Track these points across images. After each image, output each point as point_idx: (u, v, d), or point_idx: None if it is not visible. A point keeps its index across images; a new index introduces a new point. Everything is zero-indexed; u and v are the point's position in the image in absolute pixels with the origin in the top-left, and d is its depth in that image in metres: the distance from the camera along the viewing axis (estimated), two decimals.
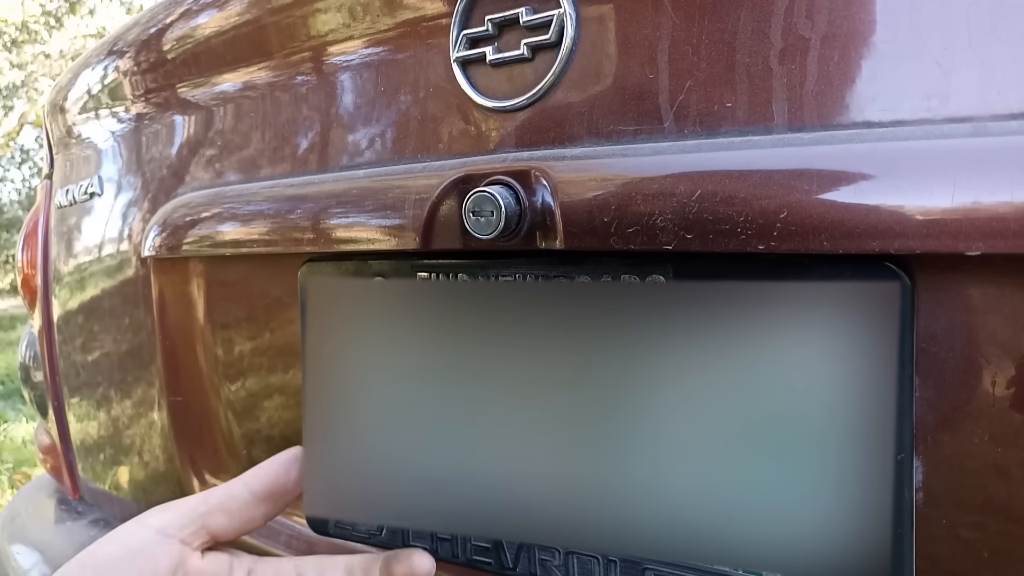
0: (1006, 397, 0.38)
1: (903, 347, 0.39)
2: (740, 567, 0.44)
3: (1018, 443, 0.38)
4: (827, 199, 0.38)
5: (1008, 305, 0.38)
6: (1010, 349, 0.38)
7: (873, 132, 0.39)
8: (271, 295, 0.71)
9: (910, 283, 0.39)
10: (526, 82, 0.51)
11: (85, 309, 0.93)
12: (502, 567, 0.55)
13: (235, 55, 0.71)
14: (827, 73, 0.41)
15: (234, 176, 0.72)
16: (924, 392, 0.40)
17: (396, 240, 0.55)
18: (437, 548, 0.59)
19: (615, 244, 0.44)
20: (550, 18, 0.49)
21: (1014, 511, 0.38)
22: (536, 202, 0.48)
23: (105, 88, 0.87)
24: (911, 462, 0.41)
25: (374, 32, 0.60)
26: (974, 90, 0.37)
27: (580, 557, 0.52)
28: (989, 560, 0.39)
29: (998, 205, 0.34)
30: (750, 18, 0.43)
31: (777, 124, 0.42)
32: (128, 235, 0.84)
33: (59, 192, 0.96)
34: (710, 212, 0.41)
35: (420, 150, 0.57)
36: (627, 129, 0.47)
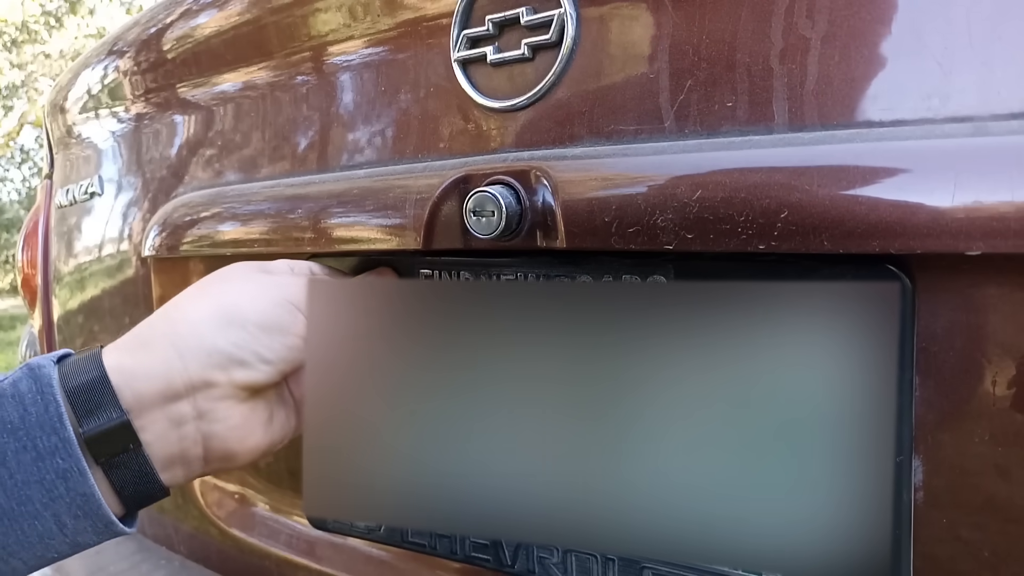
0: (1006, 397, 0.38)
1: (903, 347, 0.39)
2: (739, 567, 0.44)
3: (1018, 443, 0.38)
4: (827, 199, 0.38)
5: (1008, 305, 0.38)
6: (1010, 349, 0.38)
7: (873, 132, 0.39)
8: None
9: (910, 283, 0.39)
10: (527, 82, 0.51)
11: (85, 309, 0.93)
12: (500, 565, 0.55)
13: (235, 55, 0.71)
14: (827, 73, 0.41)
15: (234, 176, 0.72)
16: (924, 392, 0.40)
17: (397, 240, 0.55)
18: (436, 545, 0.59)
19: (616, 244, 0.44)
20: (550, 18, 0.49)
21: (1014, 511, 0.38)
22: (537, 202, 0.48)
23: (105, 88, 0.87)
24: (910, 462, 0.41)
25: (374, 32, 0.60)
26: (975, 90, 0.37)
27: (578, 555, 0.52)
28: (989, 560, 0.39)
29: (998, 205, 0.34)
30: (750, 18, 0.43)
31: (778, 124, 0.42)
32: (128, 235, 0.84)
33: (59, 192, 0.97)
34: (711, 212, 0.41)
35: (421, 150, 0.57)
36: (628, 129, 0.47)
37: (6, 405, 0.41)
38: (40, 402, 0.41)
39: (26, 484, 0.40)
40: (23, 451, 0.40)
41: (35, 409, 0.41)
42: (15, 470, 0.40)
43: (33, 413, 0.41)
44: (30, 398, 0.41)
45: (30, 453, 0.40)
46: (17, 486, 0.40)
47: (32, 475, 0.40)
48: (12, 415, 0.41)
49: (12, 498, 0.40)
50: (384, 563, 0.65)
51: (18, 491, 0.40)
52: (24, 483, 0.40)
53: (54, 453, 0.41)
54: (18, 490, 0.40)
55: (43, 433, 0.41)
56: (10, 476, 0.40)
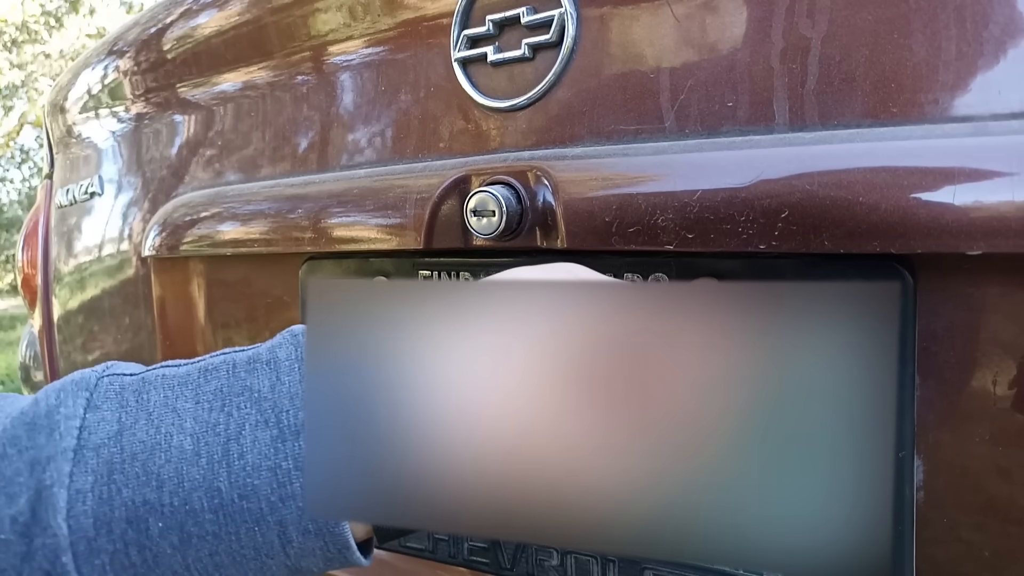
0: (1007, 396, 0.38)
1: (904, 346, 0.39)
2: (739, 567, 0.44)
3: (1019, 442, 0.38)
4: (828, 199, 0.38)
5: (1009, 304, 0.38)
6: (1011, 348, 0.38)
7: (874, 131, 0.39)
8: (271, 295, 0.71)
9: (912, 282, 0.39)
10: (527, 82, 0.51)
11: (85, 309, 0.93)
12: (499, 568, 0.55)
13: (235, 55, 0.71)
14: (827, 72, 0.41)
15: (234, 176, 0.72)
16: (925, 391, 0.40)
17: (397, 239, 0.55)
18: (435, 548, 0.59)
19: (616, 244, 0.44)
20: (551, 18, 0.49)
21: (1015, 511, 0.38)
22: (537, 202, 0.48)
23: (105, 88, 0.87)
24: (912, 461, 0.41)
25: (374, 32, 0.60)
26: (974, 89, 0.37)
27: (578, 557, 0.52)
28: (990, 560, 0.39)
29: (999, 204, 0.34)
30: (750, 17, 0.43)
31: (778, 123, 0.42)
32: (128, 235, 0.84)
33: (59, 192, 0.96)
34: (711, 211, 0.41)
35: (421, 150, 0.57)
36: (628, 128, 0.47)
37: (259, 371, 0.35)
38: (297, 371, 0.35)
39: (256, 470, 0.32)
40: (263, 426, 0.33)
41: (289, 379, 0.34)
42: (248, 448, 0.33)
43: (287, 383, 0.34)
44: (287, 366, 0.35)
45: (272, 430, 0.33)
46: (246, 470, 0.32)
47: (266, 458, 0.32)
48: (263, 383, 0.34)
49: (236, 486, 0.32)
50: (385, 563, 0.65)
51: (245, 478, 0.32)
52: (255, 468, 0.32)
53: (298, 434, 0.33)
54: (246, 476, 0.32)
55: (292, 407, 0.34)
56: (240, 455, 0.32)
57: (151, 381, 0.35)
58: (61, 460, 0.32)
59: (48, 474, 0.32)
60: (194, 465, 0.33)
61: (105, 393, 0.35)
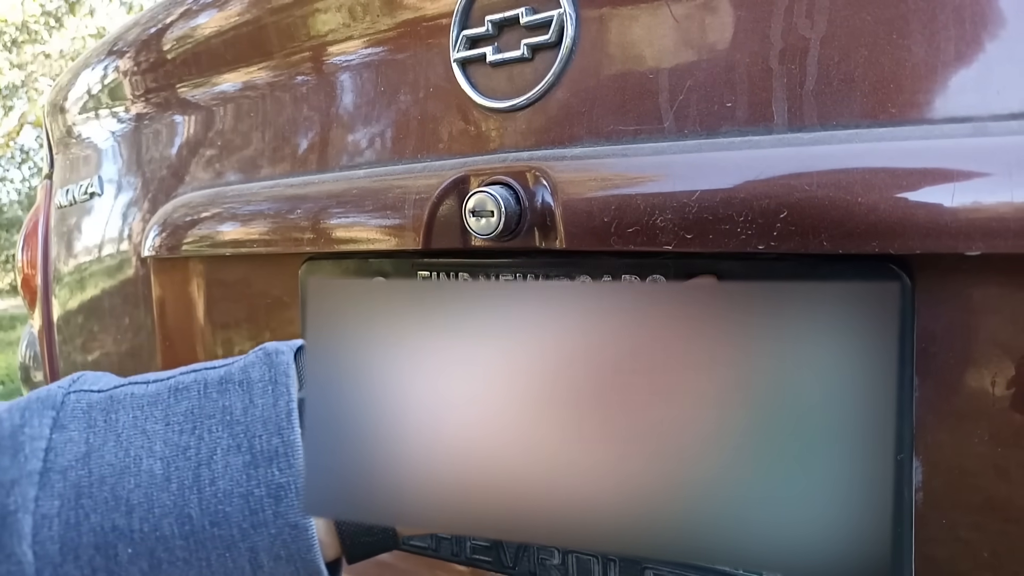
0: (1006, 397, 0.38)
1: (903, 347, 0.39)
2: (740, 566, 0.44)
3: (1018, 443, 0.38)
4: (827, 199, 0.38)
5: (1008, 305, 0.38)
6: (1010, 349, 0.38)
7: (873, 132, 0.39)
8: (271, 295, 0.71)
9: (910, 283, 0.39)
10: (526, 82, 0.51)
11: (85, 309, 0.93)
12: (502, 566, 0.55)
13: (235, 55, 0.71)
14: (826, 73, 0.41)
15: (234, 176, 0.72)
16: (924, 392, 0.40)
17: (396, 240, 0.55)
18: (437, 547, 0.59)
19: (615, 244, 0.44)
20: (550, 18, 0.49)
21: (1014, 511, 0.38)
22: (536, 202, 0.48)
23: (105, 88, 0.87)
24: (911, 462, 0.41)
25: (374, 32, 0.60)
26: (972, 90, 0.37)
27: (579, 556, 0.52)
28: (988, 560, 0.39)
29: (998, 205, 0.34)
30: (749, 18, 0.43)
31: (777, 124, 0.42)
32: (128, 235, 0.84)
33: (59, 192, 0.96)
34: (710, 212, 0.41)
35: (420, 150, 0.57)
36: (627, 129, 0.47)
37: (231, 392, 0.34)
38: (271, 393, 0.33)
39: (228, 497, 0.32)
40: (235, 451, 0.32)
41: (263, 401, 0.33)
42: (219, 474, 0.32)
43: (259, 406, 0.33)
44: (260, 387, 0.34)
45: (243, 456, 0.32)
46: (218, 497, 0.32)
47: (238, 485, 0.32)
48: (235, 405, 0.33)
49: (207, 513, 0.31)
50: (384, 564, 0.65)
51: (217, 504, 0.32)
52: (226, 495, 0.32)
53: (272, 461, 0.32)
54: (218, 503, 0.32)
55: (265, 432, 0.33)
56: (211, 482, 0.32)
57: (120, 399, 0.34)
58: (26, 484, 0.31)
59: (12, 499, 0.31)
60: (164, 490, 0.32)
61: (72, 412, 0.33)
